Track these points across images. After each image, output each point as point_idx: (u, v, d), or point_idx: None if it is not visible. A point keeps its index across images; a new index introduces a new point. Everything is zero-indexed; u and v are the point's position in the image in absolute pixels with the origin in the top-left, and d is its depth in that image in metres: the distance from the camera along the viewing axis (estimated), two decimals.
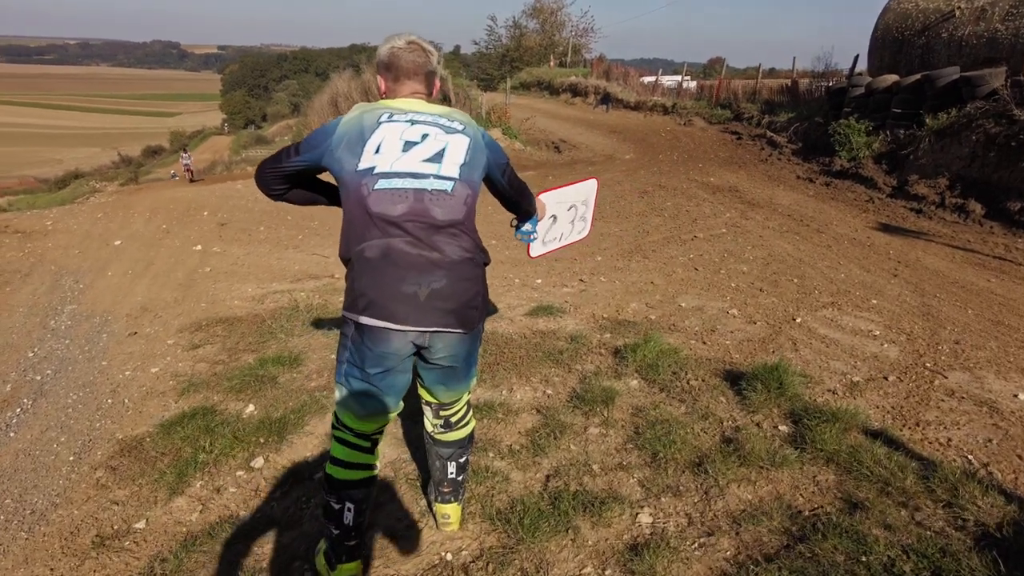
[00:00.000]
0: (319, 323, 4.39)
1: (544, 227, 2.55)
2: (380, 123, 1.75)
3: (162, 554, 2.22)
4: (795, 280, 5.30)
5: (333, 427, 1.92)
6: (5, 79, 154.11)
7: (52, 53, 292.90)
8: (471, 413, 2.14)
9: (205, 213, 9.35)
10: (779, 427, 2.82)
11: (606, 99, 19.53)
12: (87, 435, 3.20)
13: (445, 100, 17.47)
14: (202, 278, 5.96)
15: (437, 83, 1.97)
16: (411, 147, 1.74)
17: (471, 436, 2.14)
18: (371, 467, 1.95)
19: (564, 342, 3.96)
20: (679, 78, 20.38)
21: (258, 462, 2.75)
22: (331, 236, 7.68)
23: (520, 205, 2.20)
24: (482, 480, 2.44)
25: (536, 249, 2.56)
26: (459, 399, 2.03)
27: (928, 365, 3.52)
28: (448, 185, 1.76)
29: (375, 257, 1.71)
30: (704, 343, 3.93)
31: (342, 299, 5.29)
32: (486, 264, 1.90)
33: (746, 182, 9.95)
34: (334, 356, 3.87)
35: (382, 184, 1.70)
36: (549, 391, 3.25)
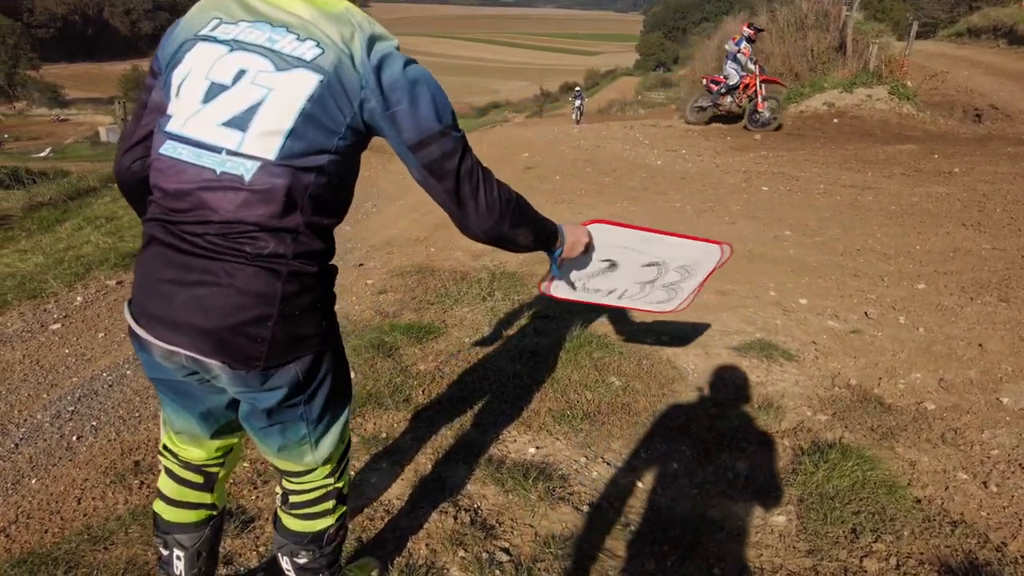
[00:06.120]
0: (490, 295, 3.97)
1: (589, 271, 1.63)
2: (197, 40, 1.17)
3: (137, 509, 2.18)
4: None
5: (159, 450, 1.50)
6: (471, 20, 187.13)
7: None
8: (328, 506, 1.45)
9: (525, 155, 9.63)
10: None
11: None
12: None
13: (841, 48, 14.54)
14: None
15: None
16: (215, 95, 1.13)
17: (321, 539, 1.46)
18: (207, 507, 1.50)
19: (743, 409, 2.76)
20: None
21: None
22: (614, 194, 7.08)
23: (471, 227, 1.28)
24: None
25: (559, 288, 1.65)
26: (300, 469, 1.40)
27: None
28: (246, 168, 1.11)
29: (146, 239, 1.22)
30: (980, 486, 2.28)
31: (547, 271, 4.71)
32: (310, 274, 1.21)
33: None
34: (468, 339, 3.45)
35: (167, 149, 1.16)
36: (643, 483, 2.26)
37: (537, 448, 2.44)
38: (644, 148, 9.77)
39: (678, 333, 3.56)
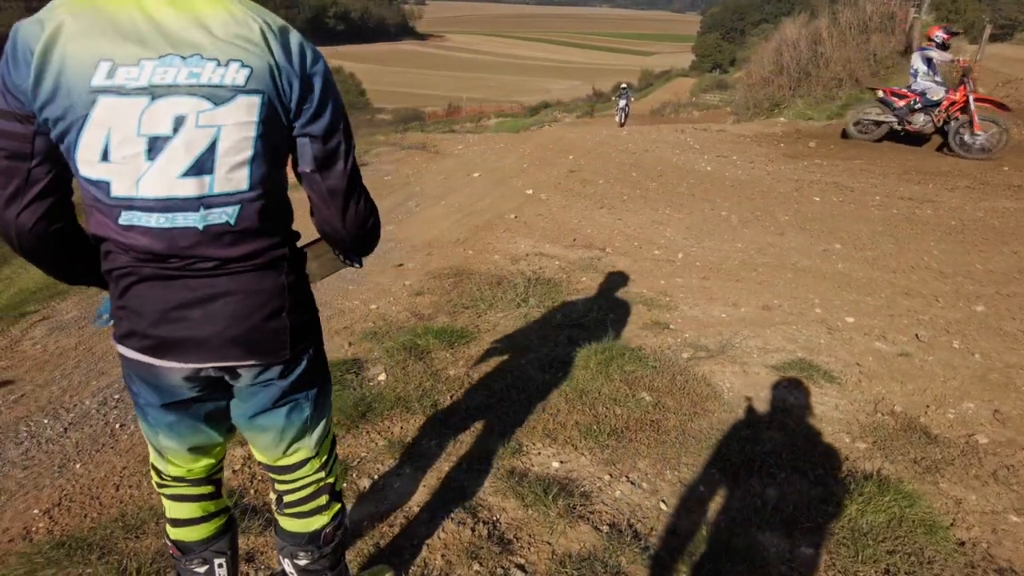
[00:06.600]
0: (524, 301, 3.96)
1: None
2: (96, 94, 1.02)
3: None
4: None
5: (157, 484, 1.49)
6: (526, 19, 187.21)
7: None
8: (321, 503, 1.48)
9: (571, 156, 9.54)
10: None
11: None
12: None
13: (906, 51, 13.96)
14: (497, 223, 6.05)
15: None
16: (161, 148, 1.05)
17: (318, 539, 1.49)
18: (225, 509, 1.56)
19: (778, 433, 2.67)
20: None
21: None
22: (658, 200, 6.96)
23: (342, 229, 1.31)
24: None
25: None
26: (294, 461, 1.43)
27: None
28: (230, 213, 1.13)
29: (127, 281, 1.19)
30: None
31: (585, 277, 4.72)
32: (298, 263, 1.31)
33: None
34: (499, 345, 3.44)
35: (128, 219, 1.10)
36: (667, 505, 2.20)
37: (561, 463, 2.42)
38: (694, 153, 9.58)
39: (716, 348, 3.48)
